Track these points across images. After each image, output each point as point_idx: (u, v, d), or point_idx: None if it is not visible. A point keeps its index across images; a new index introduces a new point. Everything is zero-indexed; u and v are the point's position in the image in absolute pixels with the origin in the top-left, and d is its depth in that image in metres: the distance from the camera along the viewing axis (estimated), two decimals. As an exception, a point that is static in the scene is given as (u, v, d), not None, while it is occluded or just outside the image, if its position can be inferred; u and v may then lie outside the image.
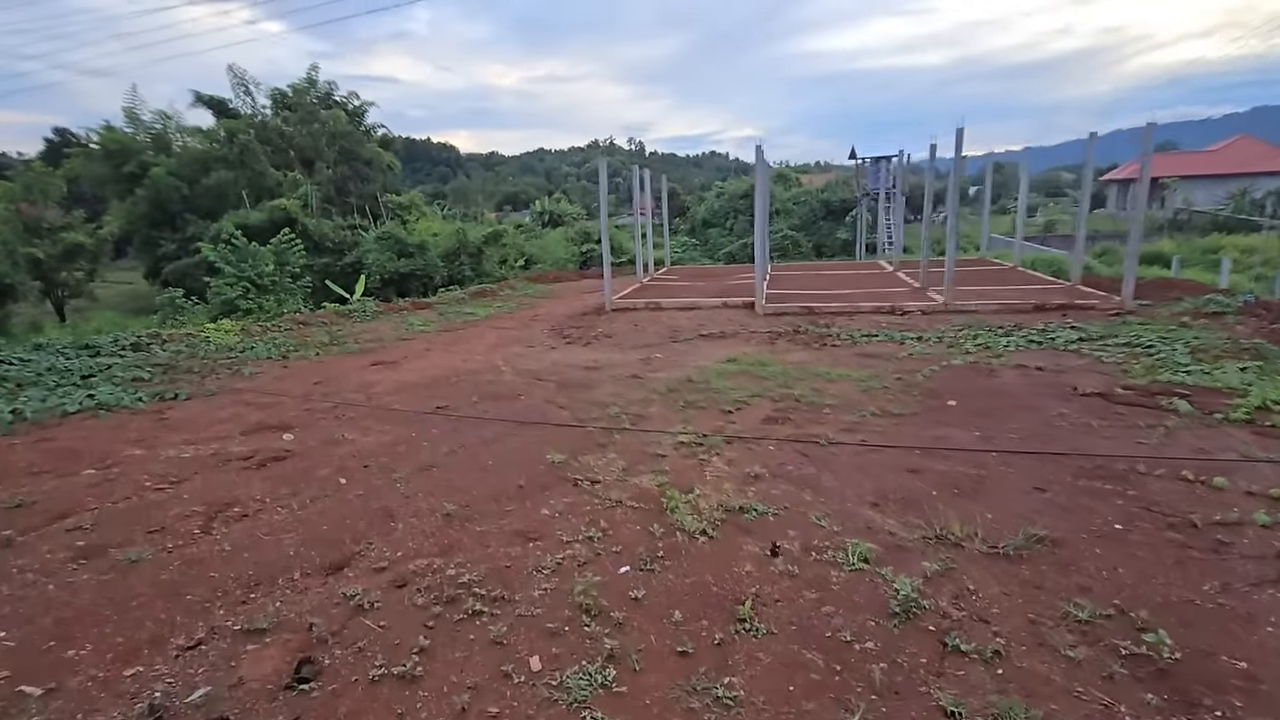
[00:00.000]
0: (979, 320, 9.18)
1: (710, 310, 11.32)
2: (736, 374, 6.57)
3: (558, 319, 11.53)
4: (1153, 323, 8.42)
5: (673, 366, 7.15)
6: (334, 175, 30.77)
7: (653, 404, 5.53)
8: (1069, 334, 7.88)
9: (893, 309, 10.29)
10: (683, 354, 7.87)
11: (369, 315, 12.54)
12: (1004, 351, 7.11)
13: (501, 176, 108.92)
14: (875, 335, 8.38)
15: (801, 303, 10.83)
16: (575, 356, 8.05)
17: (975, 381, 5.89)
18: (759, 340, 8.56)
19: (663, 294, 12.93)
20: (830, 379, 6.20)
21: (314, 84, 32.70)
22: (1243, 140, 50.54)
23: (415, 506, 3.70)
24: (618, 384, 6.44)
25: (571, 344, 9.06)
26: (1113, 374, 6.03)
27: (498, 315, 12.44)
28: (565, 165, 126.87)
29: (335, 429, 5.12)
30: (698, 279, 15.73)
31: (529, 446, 4.53)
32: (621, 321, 10.70)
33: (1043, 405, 5.00)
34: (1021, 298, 10.42)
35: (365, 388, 6.64)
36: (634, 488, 3.78)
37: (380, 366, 7.80)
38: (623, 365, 7.35)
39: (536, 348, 8.88)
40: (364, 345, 9.32)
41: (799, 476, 3.85)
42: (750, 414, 5.10)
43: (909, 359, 6.98)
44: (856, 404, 5.22)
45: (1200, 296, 9.66)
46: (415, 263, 22.97)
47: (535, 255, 28.74)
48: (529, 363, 7.77)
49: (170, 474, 4.24)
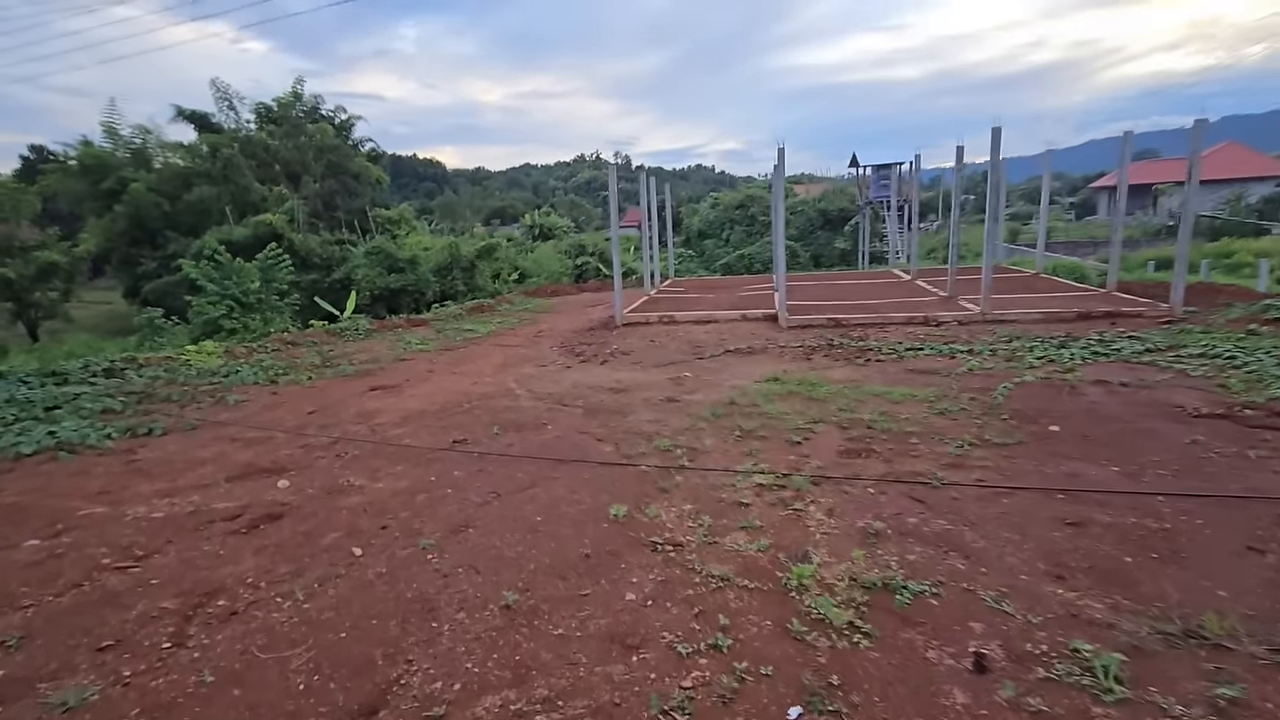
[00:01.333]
0: (1023, 331, 8.57)
1: (729, 324, 10.65)
2: (785, 395, 5.88)
3: (565, 335, 10.82)
4: (1214, 331, 7.83)
5: (709, 387, 6.45)
6: (321, 189, 29.96)
7: (703, 433, 4.81)
8: (1132, 344, 7.26)
9: (926, 319, 9.67)
10: (714, 372, 7.17)
11: (362, 333, 11.76)
12: (1073, 365, 6.47)
13: (489, 191, 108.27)
14: (920, 349, 7.73)
15: (826, 314, 10.19)
16: (595, 377, 7.32)
17: (1062, 402, 5.23)
18: (793, 356, 7.88)
19: (674, 307, 12.25)
20: (894, 400, 5.52)
21: (299, 97, 31.95)
22: (1229, 146, 51.10)
23: (460, 592, 2.84)
24: (653, 409, 5.72)
25: (587, 363, 8.34)
26: (1210, 390, 5.39)
27: (500, 331, 11.70)
28: (552, 180, 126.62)
29: (338, 471, 4.35)
30: (706, 291, 15.08)
31: (577, 494, 3.78)
32: (635, 337, 10.00)
33: (1163, 431, 4.33)
34: (1062, 305, 9.84)
35: (367, 417, 5.87)
36: (732, 555, 3.02)
37: (381, 391, 7.03)
38: (652, 386, 6.64)
39: (550, 367, 8.15)
40: (359, 367, 8.54)
41: (932, 534, 3.10)
42: (822, 445, 4.39)
43: (970, 375, 6.32)
44: (942, 431, 4.53)
45: (1253, 303, 9.12)
46: (406, 278, 22.19)
47: (528, 269, 28.03)
48: (546, 385, 7.03)
49: (136, 543, 3.37)
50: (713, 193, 42.85)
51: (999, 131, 9.28)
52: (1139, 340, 7.48)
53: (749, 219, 34.42)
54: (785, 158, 11.85)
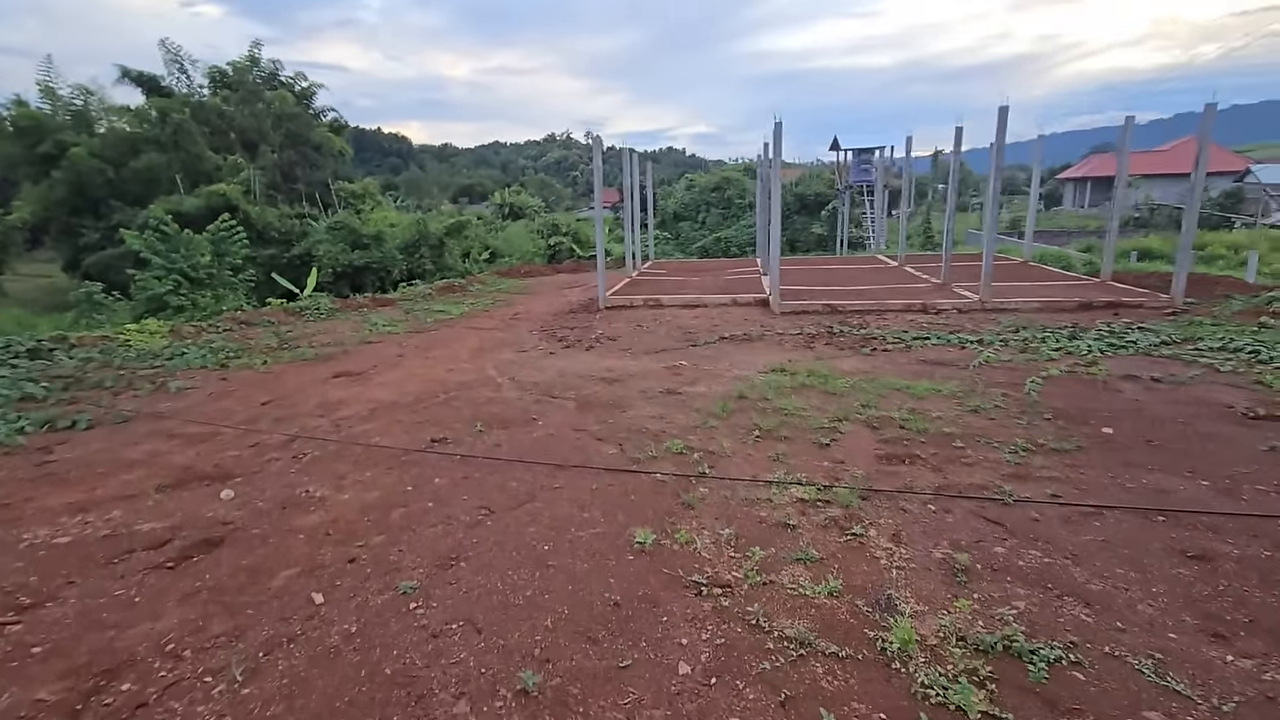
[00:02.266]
0: (1027, 320, 8.23)
1: (719, 309, 10.12)
2: (797, 388, 5.37)
3: (543, 318, 10.17)
4: (1223, 322, 7.58)
5: (710, 378, 5.91)
6: (280, 160, 28.42)
7: (716, 432, 4.28)
8: (1146, 336, 6.94)
9: (924, 307, 9.28)
10: (713, 361, 6.64)
11: (324, 313, 10.93)
12: (1094, 359, 6.10)
13: (456, 168, 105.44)
14: (926, 338, 7.31)
15: (821, 300, 9.73)
16: (582, 364, 6.73)
17: (1100, 399, 4.82)
18: (794, 344, 7.39)
19: (659, 290, 11.67)
20: (918, 395, 5.06)
21: (256, 62, 30.20)
22: (1192, 141, 52.20)
23: (458, 666, 2.13)
24: (654, 403, 5.16)
25: (571, 348, 7.73)
26: (1249, 387, 5.05)
27: (473, 313, 10.99)
28: (521, 158, 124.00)
29: (295, 478, 3.69)
30: (690, 274, 14.52)
31: (587, 510, 3.18)
32: (621, 321, 9.41)
33: (1230, 435, 3.92)
34: (1061, 294, 9.55)
35: (330, 409, 5.19)
36: (799, 601, 2.41)
37: (346, 379, 6.33)
38: (647, 376, 6.07)
39: (531, 353, 7.52)
40: (322, 351, 7.79)
41: (1032, 570, 2.57)
42: (854, 448, 3.89)
43: (989, 368, 5.90)
44: (985, 433, 4.07)
45: (1253, 294, 8.93)
46: (371, 255, 21.15)
47: (500, 249, 27.10)
48: (529, 373, 6.41)
49: (24, 585, 2.59)
50: (687, 175, 42.11)
51: (1005, 111, 8.87)
52: (1151, 332, 7.17)
53: (725, 201, 33.85)
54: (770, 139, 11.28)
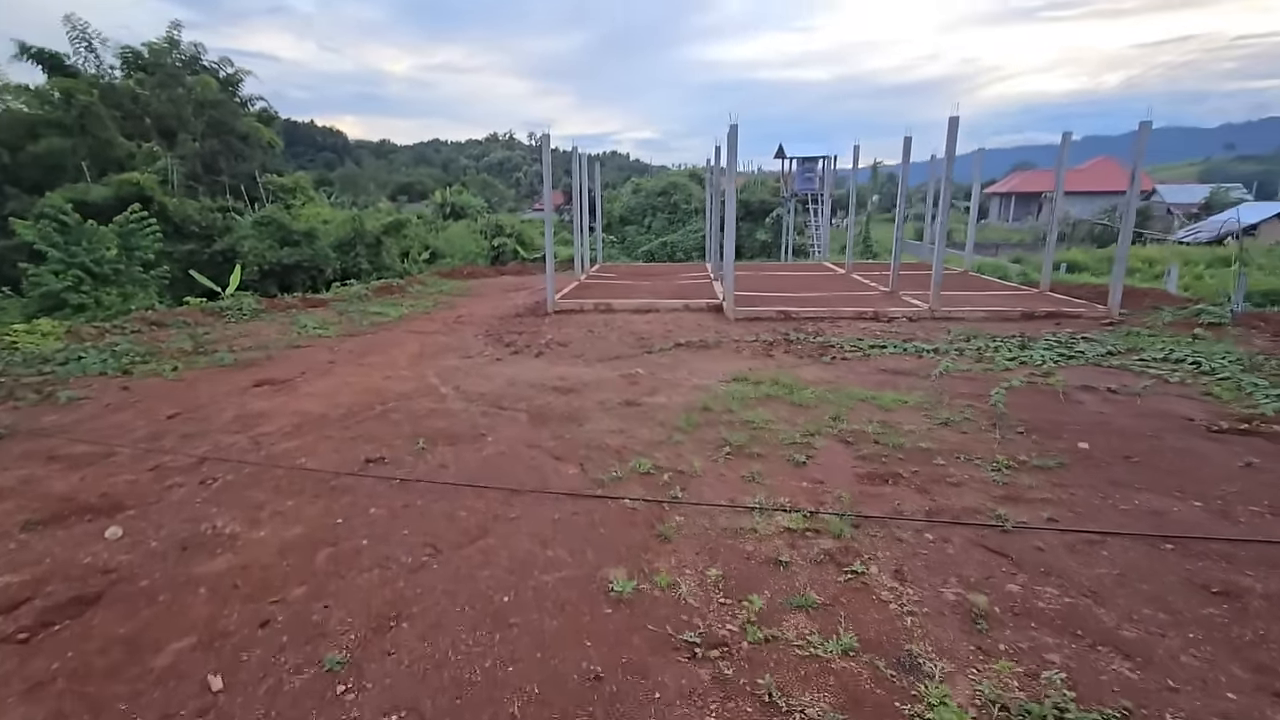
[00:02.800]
0: (975, 329, 8.30)
1: (672, 314, 9.86)
2: (762, 399, 5.14)
3: (488, 321, 9.69)
4: (1158, 333, 7.82)
5: (670, 388, 5.61)
6: (202, 150, 26.66)
7: (683, 448, 3.97)
8: (1091, 346, 7.06)
9: (876, 315, 9.27)
10: (670, 369, 6.35)
11: (247, 314, 10.11)
12: (1048, 368, 6.11)
13: (394, 165, 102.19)
14: (883, 346, 7.23)
15: (775, 307, 9.60)
16: (533, 372, 6.32)
17: (1066, 411, 4.77)
18: (752, 352, 7.19)
19: (609, 294, 11.34)
20: (885, 406, 4.90)
21: (176, 45, 28.24)
22: (1101, 162, 55.94)
23: None
24: (613, 415, 4.82)
25: (520, 354, 7.31)
26: (1201, 399, 5.12)
27: (413, 316, 10.39)
28: (463, 157, 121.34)
29: (202, 510, 3.16)
30: (640, 277, 14.25)
31: (550, 546, 2.80)
32: (571, 326, 9.03)
33: (1204, 450, 3.87)
34: (1005, 304, 9.72)
35: (248, 424, 4.62)
36: (811, 665, 2.08)
37: (269, 388, 5.73)
38: (603, 385, 5.73)
39: (477, 359, 7.06)
40: (243, 355, 7.10)
41: (1055, 613, 2.31)
42: (832, 466, 3.66)
43: (949, 378, 5.82)
44: (962, 449, 3.91)
45: (1180, 306, 9.31)
46: (302, 252, 20.01)
47: (440, 249, 26.18)
48: (476, 381, 5.97)
49: None
50: (633, 179, 41.95)
51: (956, 121, 8.95)
52: (1095, 342, 7.30)
53: (672, 206, 33.82)
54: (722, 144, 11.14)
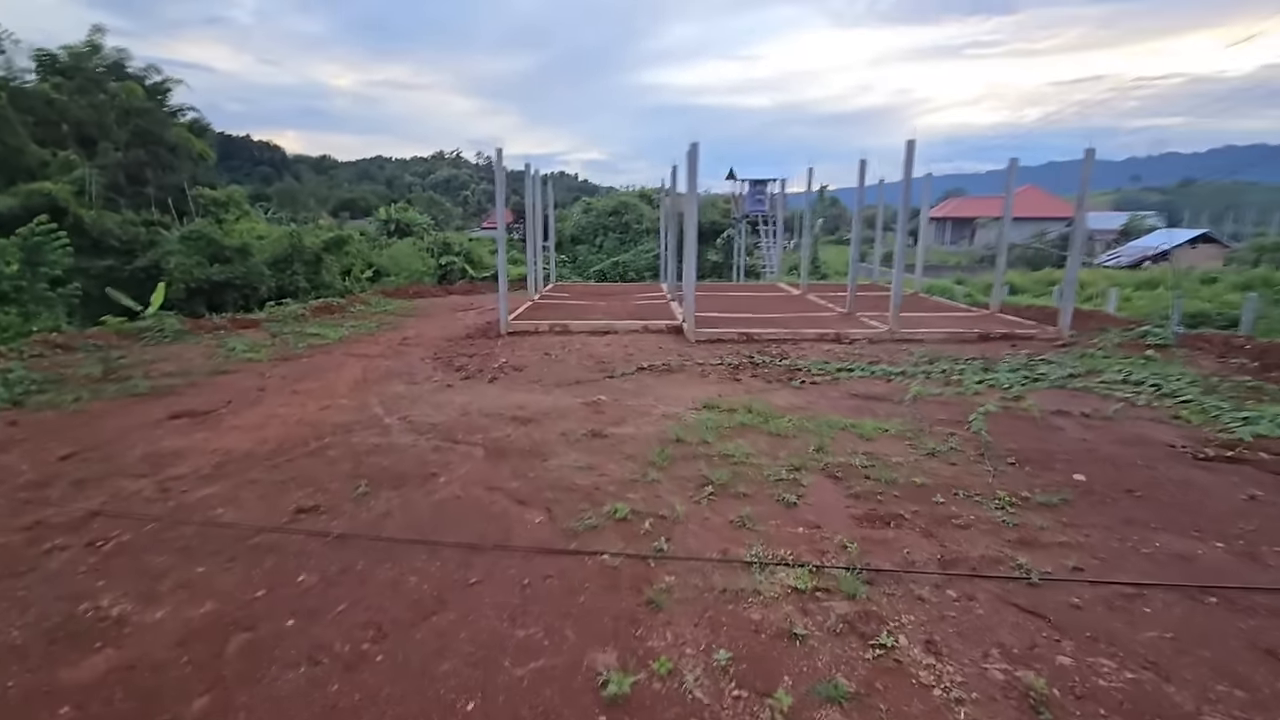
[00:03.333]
0: (937, 351, 8.26)
1: (631, 335, 9.53)
2: (737, 428, 4.84)
3: (437, 344, 9.15)
4: (1112, 355, 7.94)
5: (637, 417, 5.26)
6: (125, 159, 25.09)
7: (660, 487, 3.61)
8: (1052, 369, 7.07)
9: (837, 336, 9.17)
10: (635, 395, 6.00)
11: (169, 335, 9.28)
12: (1017, 391, 6.04)
13: (336, 181, 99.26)
14: (850, 369, 7.07)
15: (737, 329, 9.40)
16: (488, 399, 5.87)
17: (1049, 438, 4.64)
18: (719, 376, 6.91)
19: (564, 314, 10.94)
20: (865, 436, 4.67)
21: (98, 49, 26.65)
22: (1029, 190, 59.01)
23: None
24: (579, 448, 4.43)
25: (472, 380, 6.83)
26: (1172, 423, 5.09)
27: (355, 337, 9.74)
28: (408, 175, 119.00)
29: (84, 583, 2.59)
30: (595, 297, 13.89)
31: (521, 623, 2.34)
32: (526, 349, 8.59)
33: (1203, 482, 3.70)
34: (961, 326, 9.79)
35: (158, 466, 4.02)
36: None
37: (187, 421, 5.10)
38: (565, 414, 5.33)
39: (425, 385, 6.55)
40: (160, 383, 6.40)
41: (1122, 693, 2.03)
42: (825, 506, 3.36)
43: (923, 403, 5.67)
44: (957, 483, 3.68)
45: (1125, 328, 9.55)
46: (234, 269, 18.89)
47: (385, 267, 25.24)
48: (425, 410, 5.48)
49: None
50: (584, 198, 41.77)
51: (913, 144, 9.00)
52: (1055, 364, 7.33)
53: (623, 226, 33.70)
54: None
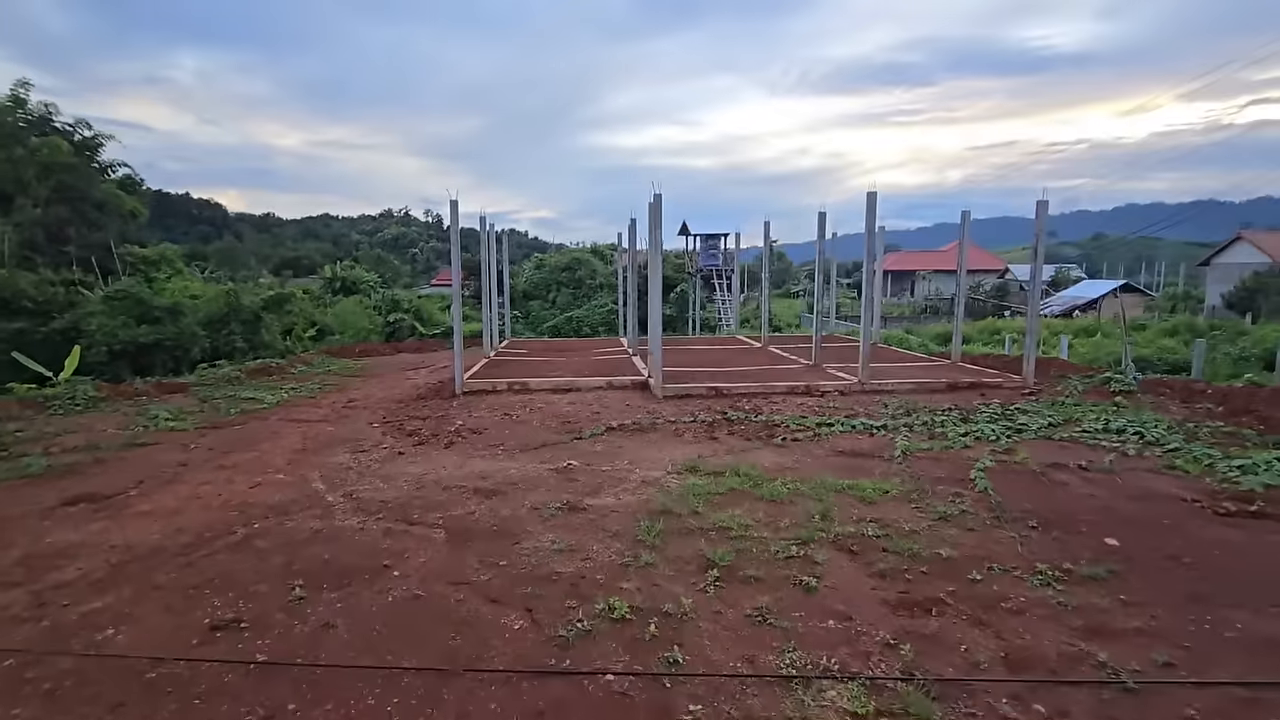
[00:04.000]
0: (910, 401, 8.07)
1: (595, 393, 9.06)
2: (725, 495, 4.39)
3: (387, 406, 8.49)
4: (1081, 402, 7.89)
5: (614, 484, 4.76)
6: (45, 216, 23.66)
7: (655, 572, 3.11)
8: (1031, 419, 6.92)
9: (808, 389, 8.92)
10: (608, 459, 5.51)
11: (81, 404, 8.34)
12: (1005, 443, 5.81)
13: (279, 240, 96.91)
14: (830, 424, 6.76)
15: (704, 383, 9.05)
16: (446, 469, 5.28)
17: (1057, 495, 4.36)
18: (694, 434, 6.49)
19: (522, 372, 10.41)
20: (867, 499, 4.29)
21: (22, 104, 25.45)
22: (962, 244, 62.08)
23: None
24: (554, 525, 3.90)
25: (426, 445, 6.22)
26: (1168, 473, 4.90)
27: (295, 402, 8.97)
28: (355, 233, 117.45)
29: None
30: (554, 353, 13.41)
31: None
32: (484, 409, 8.01)
33: (1235, 542, 3.41)
34: (927, 375, 9.70)
35: (39, 570, 3.30)
36: None
37: (85, 508, 4.34)
38: (534, 484, 4.79)
39: (374, 453, 5.91)
40: (60, 460, 5.57)
41: None
42: (851, 591, 2.92)
43: (916, 459, 5.35)
44: (987, 554, 3.30)
45: (1085, 375, 9.63)
46: (163, 330, 17.66)
47: (329, 325, 24.24)
48: (374, 485, 4.85)
49: None
50: (536, 254, 41.69)
51: (874, 196, 9.04)
52: (1033, 414, 7.19)
53: (576, 281, 33.59)
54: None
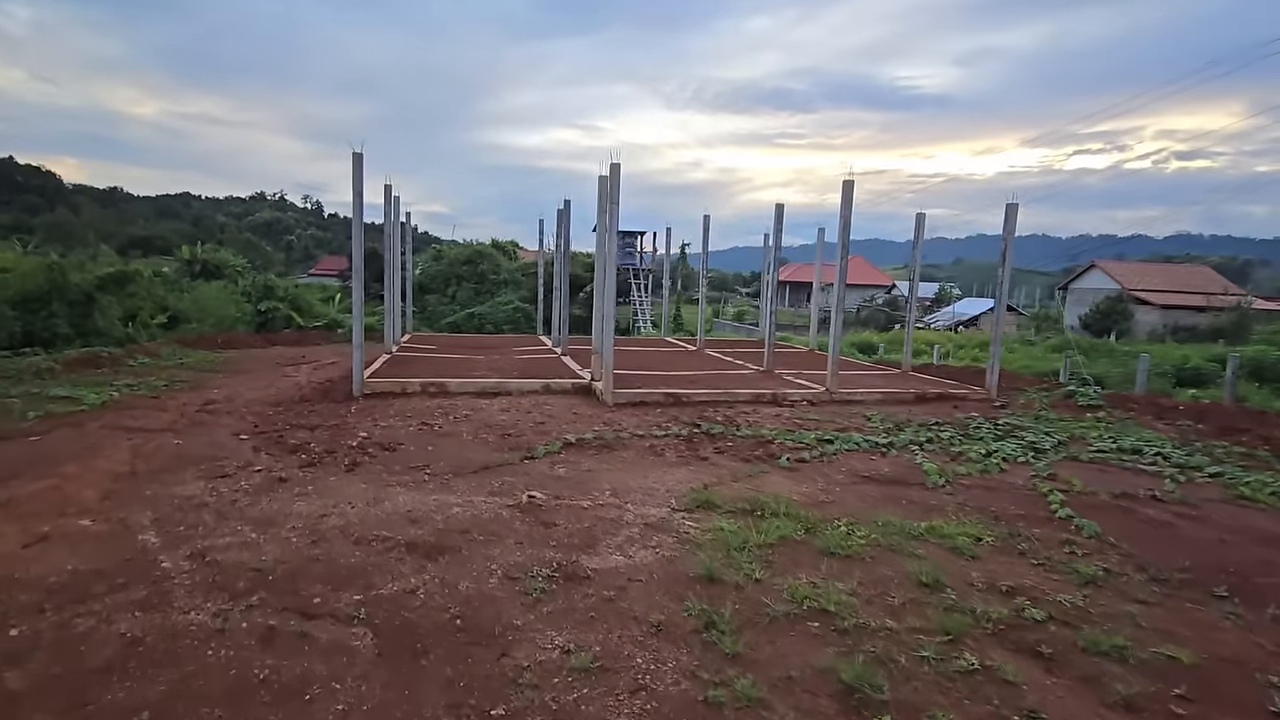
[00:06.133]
0: (890, 414, 7.23)
1: (531, 397, 7.54)
2: (774, 547, 3.14)
3: (259, 410, 6.58)
4: (1063, 418, 7.38)
5: (605, 528, 3.38)
6: None
7: (767, 717, 1.80)
8: (1040, 437, 6.22)
9: (775, 398, 7.88)
10: (578, 488, 4.10)
11: None
12: (1043, 466, 4.98)
13: (128, 217, 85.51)
14: (830, 441, 5.69)
15: (658, 389, 7.78)
16: (354, 504, 3.66)
17: (1171, 538, 3.51)
18: (675, 453, 5.20)
19: (436, 370, 8.67)
20: (961, 549, 3.20)
21: None
22: (855, 259, 65.20)
23: None
24: (549, 611, 2.48)
25: (318, 467, 4.53)
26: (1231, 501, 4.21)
27: (128, 403, 6.80)
28: (221, 215, 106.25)
29: None
30: (469, 351, 11.62)
31: None
32: (394, 416, 6.31)
33: None
34: (887, 385, 8.96)
35: None
36: None
37: None
38: (488, 529, 3.31)
39: (240, 479, 4.16)
40: None
41: None
42: None
43: (963, 486, 4.36)
44: (1217, 649, 2.28)
45: (1042, 388, 9.29)
46: (-50, 309, 14.06)
47: (185, 312, 20.72)
48: (241, 535, 3.18)
49: None
50: (434, 245, 38.75)
51: (850, 185, 8.16)
52: (1028, 429, 6.54)
53: (478, 276, 31.35)
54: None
